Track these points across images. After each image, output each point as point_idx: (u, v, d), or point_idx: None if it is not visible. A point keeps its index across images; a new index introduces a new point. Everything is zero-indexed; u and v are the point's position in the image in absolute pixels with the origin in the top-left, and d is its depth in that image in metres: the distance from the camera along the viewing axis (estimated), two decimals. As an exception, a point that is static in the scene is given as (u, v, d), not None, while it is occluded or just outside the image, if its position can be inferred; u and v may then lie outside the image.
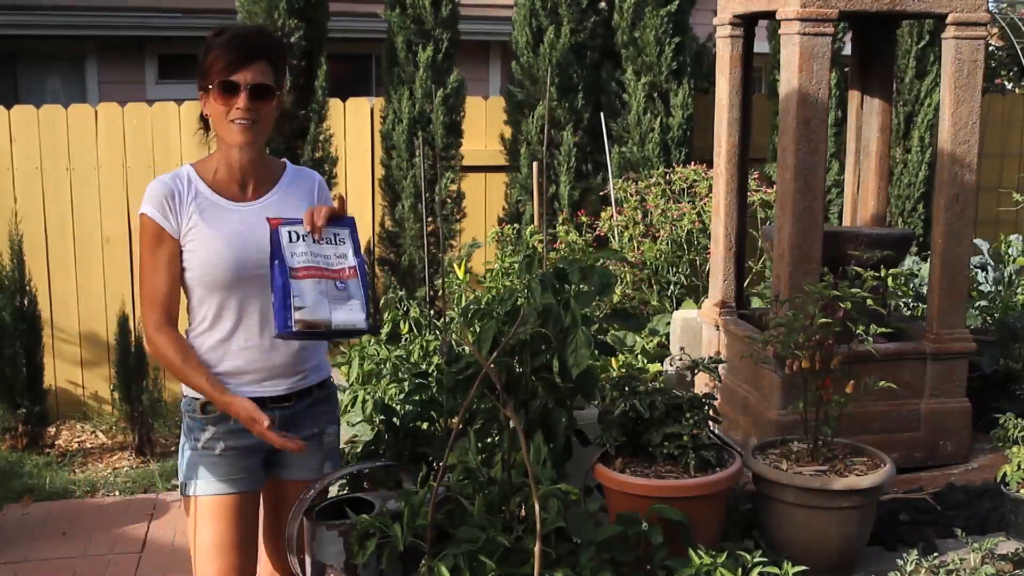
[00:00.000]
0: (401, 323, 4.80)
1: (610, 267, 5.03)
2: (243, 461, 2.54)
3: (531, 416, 2.51)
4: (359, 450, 2.88)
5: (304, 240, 2.40)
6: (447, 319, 4.65)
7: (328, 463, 2.64)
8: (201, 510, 2.52)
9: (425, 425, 2.87)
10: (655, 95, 6.45)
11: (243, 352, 2.50)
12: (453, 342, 2.64)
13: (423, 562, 2.12)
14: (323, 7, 6.01)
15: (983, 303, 4.71)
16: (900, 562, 2.65)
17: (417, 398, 2.87)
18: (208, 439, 2.52)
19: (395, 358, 4.10)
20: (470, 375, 2.54)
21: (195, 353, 2.49)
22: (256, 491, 2.59)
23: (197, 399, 2.53)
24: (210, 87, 2.43)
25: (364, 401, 3.91)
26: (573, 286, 2.50)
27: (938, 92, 6.64)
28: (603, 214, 5.96)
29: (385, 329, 4.79)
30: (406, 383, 3.49)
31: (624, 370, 3.96)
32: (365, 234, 6.53)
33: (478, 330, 2.52)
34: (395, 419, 2.82)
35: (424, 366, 4.03)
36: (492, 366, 1.87)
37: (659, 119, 6.39)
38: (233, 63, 2.41)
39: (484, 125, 6.74)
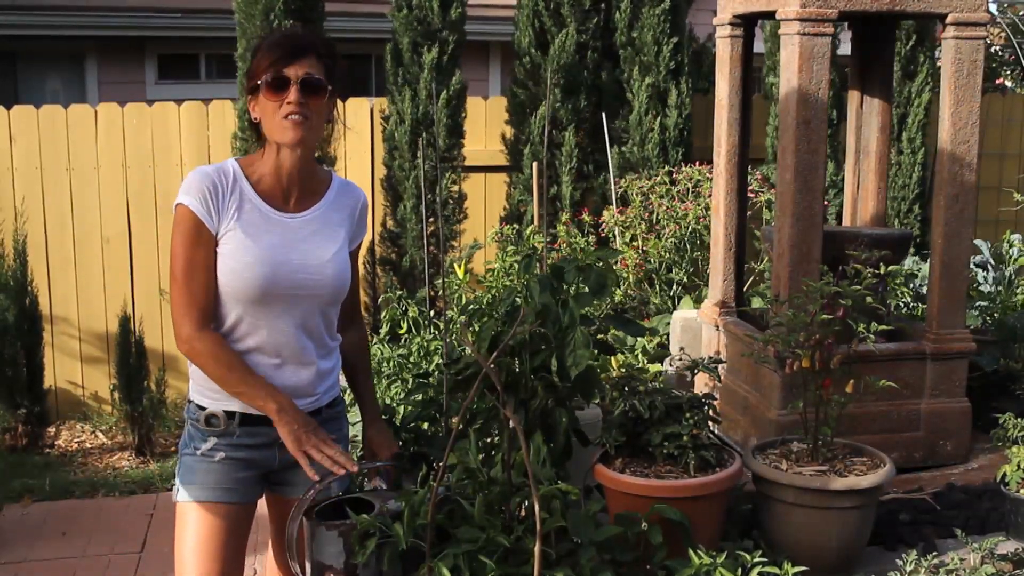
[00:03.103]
0: (400, 323, 4.80)
1: (613, 266, 5.03)
2: (239, 473, 2.46)
3: (531, 416, 2.51)
4: (360, 450, 2.88)
5: None
6: (447, 319, 4.65)
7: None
8: (188, 515, 2.46)
9: (426, 425, 2.87)
10: (653, 95, 6.45)
11: (255, 368, 2.40)
12: (454, 342, 2.64)
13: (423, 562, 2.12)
14: (319, 7, 6.01)
15: (983, 303, 4.72)
16: (900, 562, 2.65)
17: (418, 398, 2.87)
18: (208, 448, 2.45)
19: (397, 356, 4.10)
20: (470, 375, 2.54)
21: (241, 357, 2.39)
22: (247, 505, 2.51)
23: (203, 409, 2.45)
24: (259, 83, 2.32)
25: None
26: (571, 286, 2.50)
27: (927, 93, 6.67)
28: (605, 213, 5.97)
29: (383, 328, 4.79)
30: (408, 382, 3.50)
31: (624, 370, 3.96)
32: (366, 234, 6.52)
33: (477, 330, 2.52)
34: (395, 419, 2.82)
35: (425, 365, 4.03)
36: (492, 366, 1.87)
37: (658, 119, 6.40)
38: (282, 58, 2.31)
39: (484, 126, 6.73)
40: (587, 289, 2.48)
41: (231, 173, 2.38)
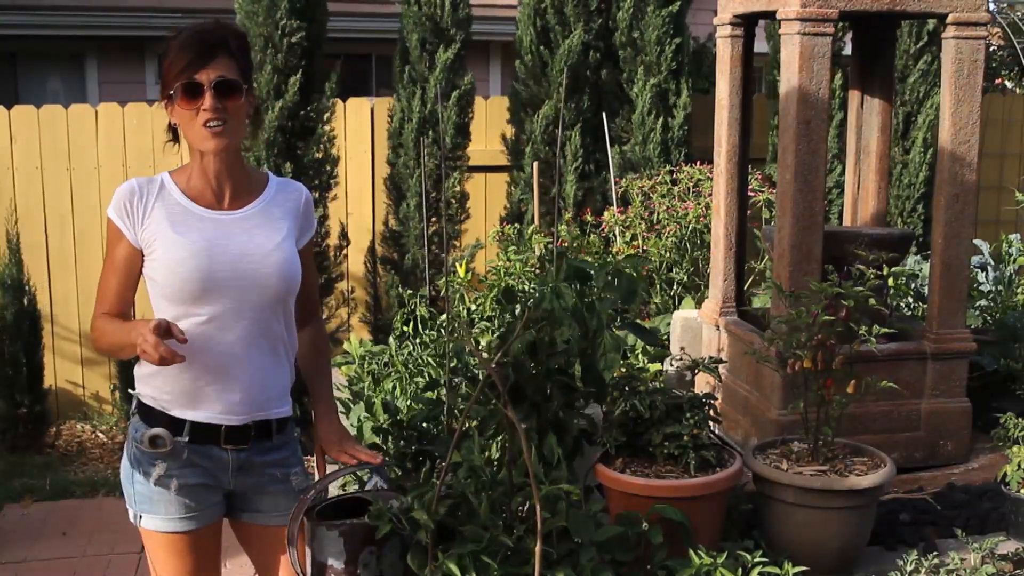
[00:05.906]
0: (409, 321, 4.79)
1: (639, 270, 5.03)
2: (198, 498, 2.42)
3: (543, 417, 2.49)
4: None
5: None
6: (451, 318, 4.64)
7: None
8: (159, 545, 2.45)
9: (426, 425, 2.87)
10: (656, 95, 6.45)
11: (203, 373, 2.34)
12: (462, 343, 2.63)
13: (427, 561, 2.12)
14: (323, 7, 6.01)
15: (983, 303, 4.71)
16: (900, 562, 2.66)
17: (428, 395, 2.86)
18: (160, 476, 2.39)
19: (407, 355, 4.09)
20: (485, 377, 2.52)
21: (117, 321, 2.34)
22: (213, 523, 2.49)
23: (145, 429, 2.40)
24: (172, 92, 2.27)
25: (368, 403, 3.90)
26: (596, 288, 2.48)
27: (938, 93, 6.66)
28: (605, 213, 5.97)
29: (397, 327, 4.78)
30: (418, 381, 3.48)
31: (624, 370, 3.96)
32: (365, 235, 6.53)
33: (499, 331, 2.51)
34: (400, 418, 2.81)
35: (435, 364, 4.02)
36: (496, 367, 1.87)
37: (661, 119, 6.40)
38: (193, 62, 2.25)
39: (484, 125, 6.73)
40: (616, 293, 2.47)
41: (158, 182, 2.36)
